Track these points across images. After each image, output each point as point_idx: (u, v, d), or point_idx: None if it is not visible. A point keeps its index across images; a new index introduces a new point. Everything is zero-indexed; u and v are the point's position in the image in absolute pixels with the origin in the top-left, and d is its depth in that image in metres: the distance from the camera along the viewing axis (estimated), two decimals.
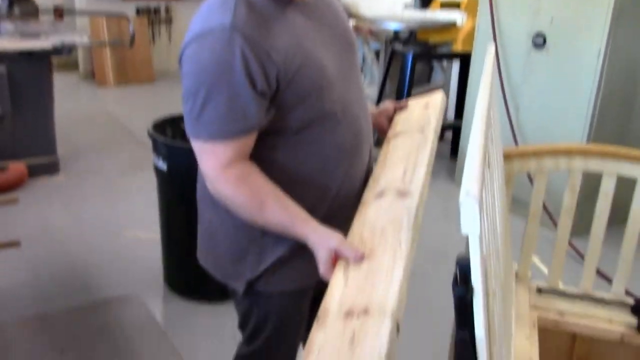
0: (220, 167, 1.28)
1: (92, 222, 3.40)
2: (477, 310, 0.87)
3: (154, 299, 2.72)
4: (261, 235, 1.41)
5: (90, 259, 3.02)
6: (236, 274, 1.47)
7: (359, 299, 1.09)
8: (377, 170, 1.47)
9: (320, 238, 1.25)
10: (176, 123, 2.74)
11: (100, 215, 3.50)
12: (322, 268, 1.23)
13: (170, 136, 2.68)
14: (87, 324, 2.52)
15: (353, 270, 1.16)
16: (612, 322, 1.77)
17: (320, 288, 1.31)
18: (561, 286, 1.92)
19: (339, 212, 1.44)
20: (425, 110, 1.66)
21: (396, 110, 1.72)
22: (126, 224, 3.39)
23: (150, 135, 2.53)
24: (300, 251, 1.38)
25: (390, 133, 1.60)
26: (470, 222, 0.75)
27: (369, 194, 1.40)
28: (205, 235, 1.53)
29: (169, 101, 5.90)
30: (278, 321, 1.52)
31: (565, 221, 1.86)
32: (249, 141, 1.29)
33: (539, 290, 1.90)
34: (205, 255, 1.55)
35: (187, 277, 2.70)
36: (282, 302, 1.49)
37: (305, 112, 1.32)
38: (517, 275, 1.95)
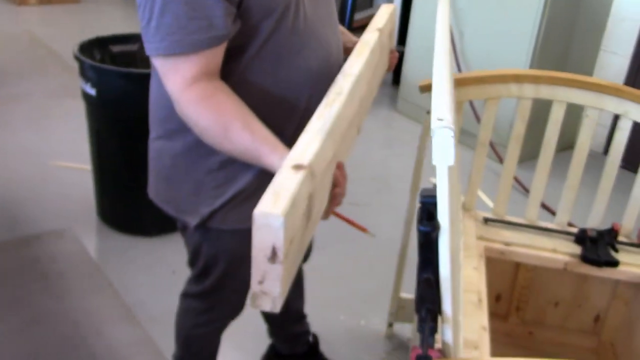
0: (183, 85, 1.14)
1: (18, 153, 3.19)
2: (443, 248, 0.81)
3: (87, 233, 2.59)
4: (218, 168, 1.31)
5: (18, 191, 2.84)
6: (191, 208, 1.37)
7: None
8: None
9: (283, 152, 1.13)
10: (105, 45, 2.55)
11: (27, 145, 3.28)
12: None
13: (98, 60, 2.50)
14: (16, 259, 2.38)
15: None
16: (556, 252, 1.78)
17: None
18: (507, 217, 1.91)
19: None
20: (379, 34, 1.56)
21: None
22: (55, 154, 3.20)
23: (77, 58, 2.34)
24: (261, 186, 1.30)
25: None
26: (443, 153, 0.67)
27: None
28: (156, 167, 1.42)
29: (97, 23, 5.53)
30: (229, 261, 1.44)
31: (514, 149, 1.83)
32: (217, 55, 1.16)
33: (485, 221, 1.88)
34: (156, 189, 1.44)
35: (122, 210, 2.58)
36: (234, 241, 1.40)
37: (272, 27, 1.20)
38: (463, 206, 1.93)
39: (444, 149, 0.67)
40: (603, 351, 1.98)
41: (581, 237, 1.80)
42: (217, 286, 1.48)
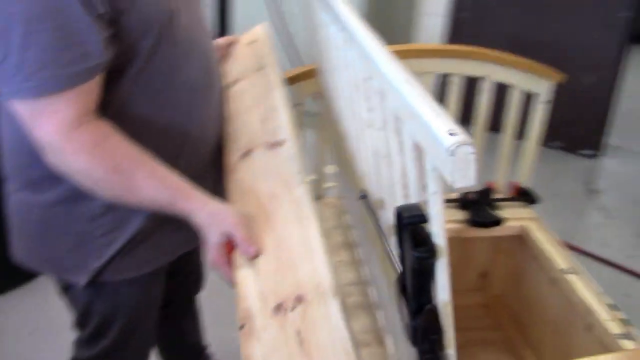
0: (64, 131, 0.92)
1: None
2: (442, 273, 0.72)
3: None
4: (103, 212, 1.09)
5: None
6: (75, 265, 1.14)
7: (284, 287, 0.91)
8: (229, 129, 1.24)
9: (213, 217, 1.00)
10: None
11: None
12: (212, 254, 0.99)
13: None
14: None
15: (260, 259, 0.97)
16: (449, 222, 1.79)
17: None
18: None
19: (201, 162, 1.19)
20: (251, 47, 1.44)
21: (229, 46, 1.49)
22: None
23: None
24: (158, 224, 1.11)
25: (225, 82, 1.37)
26: (465, 174, 0.58)
27: (231, 158, 1.18)
28: (21, 224, 1.16)
29: None
30: (129, 315, 1.23)
31: None
32: (96, 88, 0.95)
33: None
34: (26, 250, 1.17)
35: None
36: (133, 292, 1.20)
37: (153, 41, 1.01)
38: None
39: (466, 169, 0.57)
40: (493, 304, 2.05)
41: (464, 203, 1.83)
42: (118, 345, 1.28)
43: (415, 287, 0.74)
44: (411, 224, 0.71)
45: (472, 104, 1.76)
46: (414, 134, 0.71)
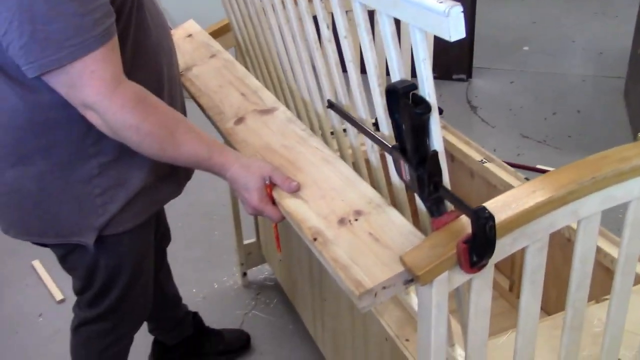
0: (107, 90, 0.99)
1: None
2: (435, 125, 0.91)
3: None
4: (99, 172, 1.18)
5: None
6: (79, 227, 1.21)
7: (339, 207, 1.04)
8: (209, 103, 1.35)
9: (247, 167, 1.10)
10: None
11: None
12: (255, 198, 1.09)
13: None
14: None
15: (302, 192, 1.08)
16: None
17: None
18: None
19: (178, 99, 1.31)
20: (191, 40, 1.56)
21: None
22: None
23: None
24: (154, 177, 1.22)
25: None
26: (458, 28, 0.76)
27: (225, 125, 1.27)
28: (16, 200, 1.21)
29: None
30: (133, 262, 1.33)
31: None
32: (117, 44, 1.04)
33: None
34: (22, 225, 1.23)
35: None
36: (135, 239, 1.30)
37: (130, 6, 1.13)
38: None
39: (458, 25, 0.76)
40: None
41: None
42: (122, 298, 1.38)
43: (414, 144, 0.92)
44: (406, 92, 0.89)
45: None
46: (391, 19, 0.89)
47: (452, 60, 3.79)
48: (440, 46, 0.75)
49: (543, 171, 2.81)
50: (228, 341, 1.98)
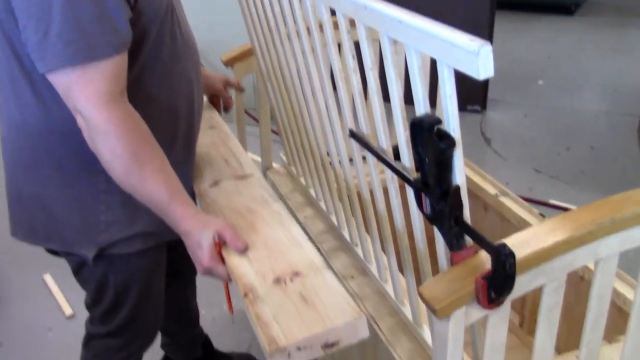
0: (100, 100, 1.02)
1: None
2: (458, 160, 0.92)
3: None
4: (105, 188, 1.19)
5: None
6: (80, 239, 1.23)
7: (279, 267, 1.09)
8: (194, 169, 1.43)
9: (203, 222, 1.12)
10: None
11: None
12: (206, 255, 1.10)
13: None
14: None
15: (250, 251, 1.13)
16: None
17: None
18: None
19: (190, 148, 1.34)
20: None
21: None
22: None
23: None
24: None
25: None
26: (487, 67, 0.78)
27: (201, 187, 1.35)
28: (22, 200, 1.24)
29: None
30: (142, 282, 1.34)
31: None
32: (123, 65, 1.06)
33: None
34: (28, 225, 1.26)
35: None
36: (144, 260, 1.31)
37: (157, 30, 1.15)
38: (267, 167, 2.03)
39: (487, 64, 0.77)
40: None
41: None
42: (132, 316, 1.38)
43: (437, 177, 0.93)
44: (431, 126, 0.90)
45: None
46: (420, 53, 0.91)
47: (467, 91, 3.80)
48: (456, 77, 0.77)
49: (556, 206, 2.80)
50: None
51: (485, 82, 3.88)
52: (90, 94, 1.02)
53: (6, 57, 1.11)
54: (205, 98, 1.72)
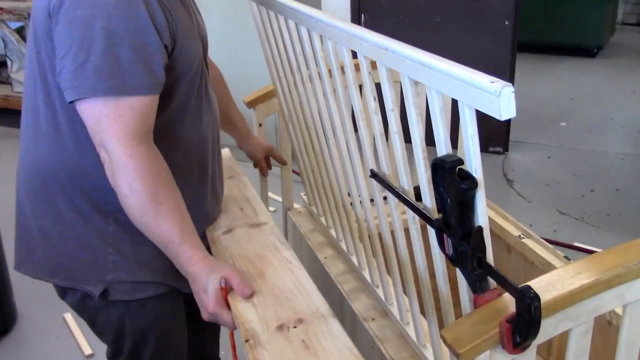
0: (127, 136, 1.04)
1: None
2: (481, 201, 0.91)
3: None
4: (114, 229, 1.20)
5: None
6: (88, 276, 1.23)
7: (284, 314, 1.09)
8: None
9: (210, 267, 1.11)
10: None
11: None
12: (212, 300, 1.10)
13: None
14: None
15: (256, 297, 1.13)
16: None
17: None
18: None
19: (216, 200, 1.37)
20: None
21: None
22: None
23: None
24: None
25: None
26: (509, 108, 0.77)
27: (214, 234, 1.37)
28: (31, 234, 1.25)
29: None
30: (160, 328, 1.32)
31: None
32: (154, 106, 1.08)
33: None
34: (34, 261, 1.26)
35: None
36: (159, 304, 1.30)
37: (187, 84, 1.19)
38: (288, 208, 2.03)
39: (509, 105, 0.77)
40: None
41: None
42: None
43: (459, 218, 0.92)
44: (453, 167, 0.89)
45: None
46: (441, 95, 0.91)
47: (489, 133, 3.80)
48: (478, 118, 0.77)
49: (581, 249, 2.76)
50: None
51: (507, 124, 3.88)
52: (118, 128, 1.04)
53: (34, 87, 1.15)
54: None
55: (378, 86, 1.11)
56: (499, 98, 0.77)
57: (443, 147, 0.95)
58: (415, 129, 1.02)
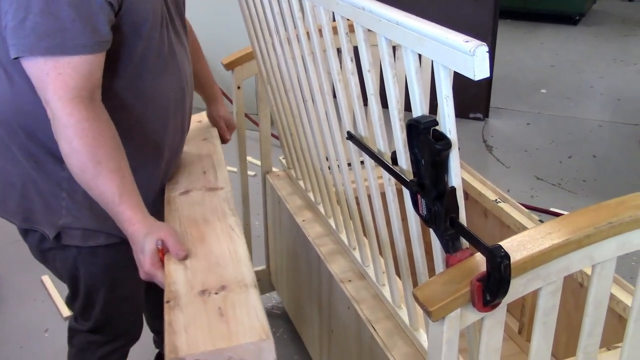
0: (67, 95, 1.03)
1: None
2: (455, 161, 0.91)
3: None
4: (68, 175, 1.18)
5: None
6: (42, 219, 1.25)
7: (210, 279, 1.09)
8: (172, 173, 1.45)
9: (148, 227, 1.11)
10: None
11: None
12: (148, 260, 1.10)
13: None
14: None
15: (189, 261, 1.13)
16: None
17: None
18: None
19: (164, 167, 1.35)
20: (200, 124, 1.73)
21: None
22: None
23: None
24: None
25: None
26: (483, 67, 0.77)
27: (171, 194, 1.37)
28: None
29: None
30: (111, 276, 1.34)
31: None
32: (98, 65, 1.07)
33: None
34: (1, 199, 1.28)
35: None
36: (112, 256, 1.31)
37: (137, 46, 1.16)
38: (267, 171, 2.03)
39: (483, 64, 0.77)
40: None
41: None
42: (108, 313, 1.39)
43: (433, 179, 0.92)
44: (427, 127, 0.90)
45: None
46: (417, 55, 0.91)
47: (470, 99, 3.81)
48: (458, 84, 0.77)
49: (557, 214, 2.80)
50: None
51: (488, 90, 3.88)
52: (58, 86, 1.04)
53: None
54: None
55: (356, 49, 1.11)
56: (472, 57, 0.77)
57: (419, 109, 0.95)
58: (392, 89, 1.02)
